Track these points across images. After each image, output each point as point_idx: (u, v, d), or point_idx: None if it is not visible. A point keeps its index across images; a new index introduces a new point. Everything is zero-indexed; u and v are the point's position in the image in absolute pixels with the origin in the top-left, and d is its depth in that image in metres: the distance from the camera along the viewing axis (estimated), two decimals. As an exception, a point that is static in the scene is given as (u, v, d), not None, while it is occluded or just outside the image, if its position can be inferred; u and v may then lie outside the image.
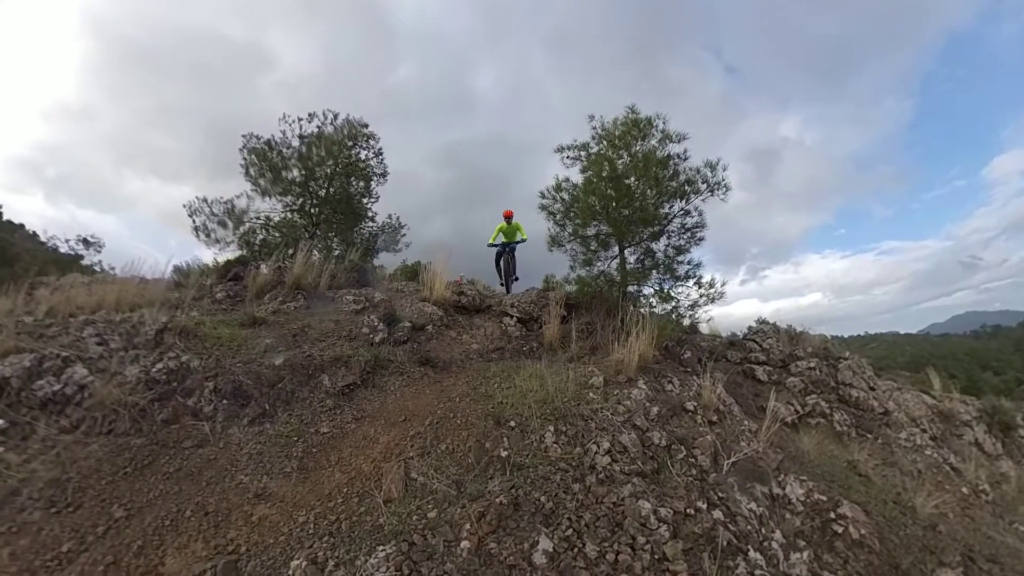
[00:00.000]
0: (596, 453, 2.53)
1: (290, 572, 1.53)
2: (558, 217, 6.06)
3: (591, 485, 2.25)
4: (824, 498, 3.12)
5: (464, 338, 5.35)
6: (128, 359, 3.34)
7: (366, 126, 11.17)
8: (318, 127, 10.04)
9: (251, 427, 3.11)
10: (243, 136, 9.16)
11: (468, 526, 1.74)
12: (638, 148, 5.75)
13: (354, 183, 12.52)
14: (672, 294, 5.63)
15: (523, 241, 7.16)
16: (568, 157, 6.18)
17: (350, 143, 12.01)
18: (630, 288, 5.45)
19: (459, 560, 1.59)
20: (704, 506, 2.48)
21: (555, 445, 2.56)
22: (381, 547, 1.60)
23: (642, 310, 5.44)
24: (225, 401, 3.27)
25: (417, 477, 2.10)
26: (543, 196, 6.24)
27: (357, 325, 4.84)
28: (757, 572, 2.22)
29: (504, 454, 2.32)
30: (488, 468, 2.19)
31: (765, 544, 2.50)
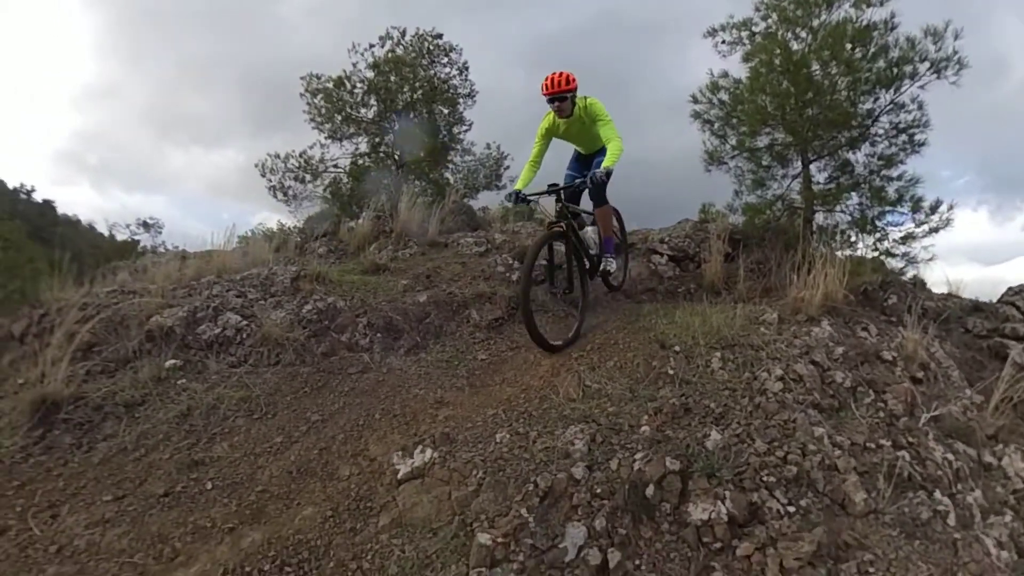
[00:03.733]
0: (767, 379, 3.26)
1: (497, 440, 2.57)
2: (716, 126, 6.05)
3: (761, 403, 3.02)
4: (1053, 476, 3.43)
5: (606, 279, 6.21)
6: (270, 305, 4.75)
7: (440, 36, 12.02)
8: (391, 51, 11.13)
9: (408, 356, 4.35)
10: (302, 79, 10.60)
11: (646, 417, 2.65)
12: (822, 20, 5.53)
13: (438, 110, 13.56)
14: (877, 223, 5.64)
15: (608, 160, 4.23)
16: (723, 43, 6.07)
17: (426, 62, 12.99)
18: (818, 216, 5.64)
19: (642, 437, 2.50)
20: (887, 443, 3.08)
21: (722, 370, 3.35)
22: (573, 426, 2.57)
23: (834, 245, 5.63)
24: (379, 335, 4.56)
25: (591, 384, 3.07)
26: (695, 100, 6.24)
27: (489, 265, 5.96)
28: (940, 508, 2.79)
29: (671, 372, 3.19)
30: (657, 380, 3.08)
31: (958, 497, 2.98)
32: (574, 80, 4.37)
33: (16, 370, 3.91)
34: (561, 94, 4.32)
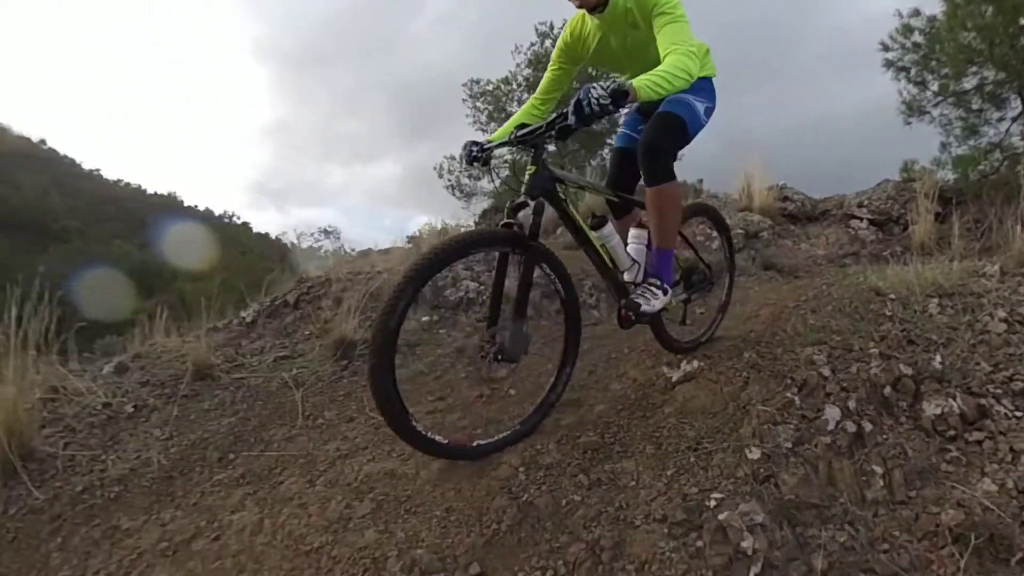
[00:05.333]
0: (988, 322, 3.68)
1: (746, 356, 3.35)
2: (913, 72, 5.88)
3: (984, 339, 3.48)
4: None
5: (803, 246, 6.71)
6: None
7: (589, 24, 13.29)
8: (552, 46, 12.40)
9: None
10: (464, 85, 12.16)
11: (872, 343, 3.29)
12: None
13: None
14: None
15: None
16: (910, -24, 5.97)
17: None
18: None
19: (873, 354, 3.16)
20: None
21: (940, 315, 3.81)
22: (808, 347, 3.29)
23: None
24: (603, 295, 5.54)
25: (814, 323, 3.74)
26: (886, 48, 6.09)
27: (689, 235, 6.67)
28: None
29: (889, 314, 3.74)
30: (877, 319, 3.66)
31: None
32: None
33: (297, 327, 5.39)
34: None
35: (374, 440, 3.37)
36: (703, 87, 2.96)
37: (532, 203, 2.62)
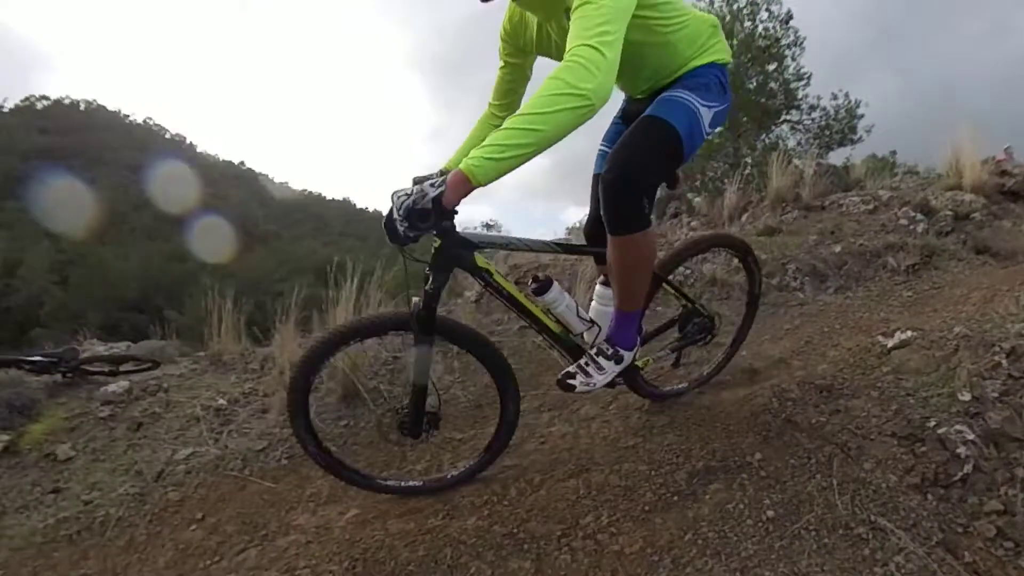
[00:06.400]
0: None
1: (956, 331, 4.07)
2: None
3: None
4: None
5: (1024, 227, 6.86)
6: (699, 260, 6.71)
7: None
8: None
9: (837, 294, 5.97)
10: None
11: None
12: None
13: (768, 70, 14.26)
14: None
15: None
16: None
17: (749, 24, 13.71)
18: None
19: None
20: None
21: None
22: (1019, 324, 3.94)
23: None
24: (807, 278, 6.26)
25: None
26: None
27: (889, 220, 7.17)
28: None
29: None
30: None
31: None
32: None
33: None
34: None
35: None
36: (710, 80, 2.28)
37: (435, 283, 2.37)
